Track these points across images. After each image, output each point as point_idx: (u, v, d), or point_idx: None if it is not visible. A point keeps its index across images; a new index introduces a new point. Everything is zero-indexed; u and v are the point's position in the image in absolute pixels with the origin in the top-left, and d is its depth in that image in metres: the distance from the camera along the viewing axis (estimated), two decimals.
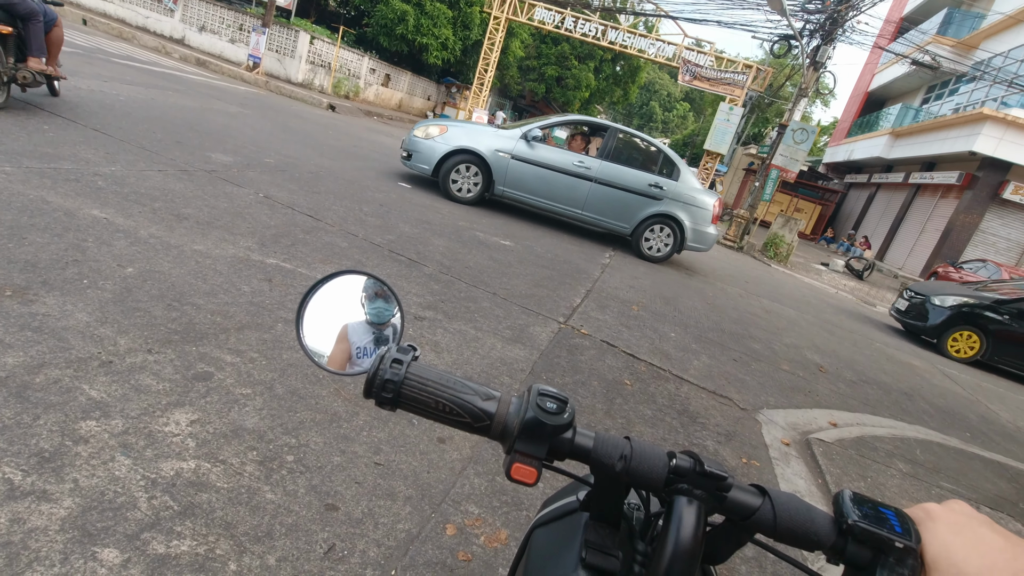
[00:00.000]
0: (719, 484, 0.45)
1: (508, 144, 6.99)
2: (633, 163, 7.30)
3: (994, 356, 8.00)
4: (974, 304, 8.06)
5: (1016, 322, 7.80)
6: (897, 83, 25.22)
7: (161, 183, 4.00)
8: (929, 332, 8.32)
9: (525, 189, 7.11)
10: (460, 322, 3.33)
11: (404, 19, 21.34)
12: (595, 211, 7.26)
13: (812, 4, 13.64)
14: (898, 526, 0.41)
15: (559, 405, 0.47)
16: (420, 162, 6.98)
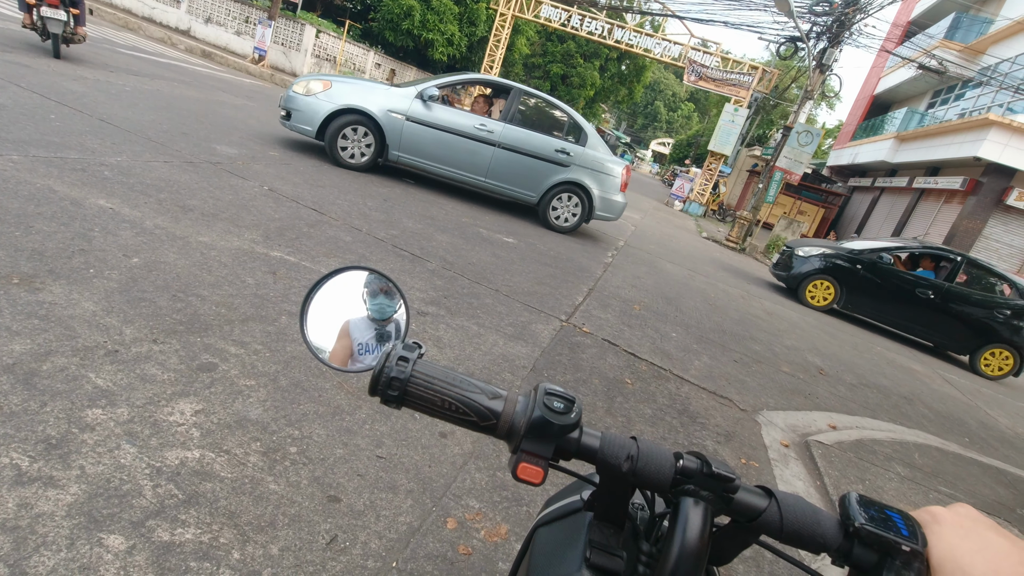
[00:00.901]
0: (726, 486, 0.45)
1: (402, 104, 6.36)
2: (539, 127, 6.94)
3: (847, 304, 8.65)
4: (831, 255, 8.68)
5: (868, 272, 8.43)
6: (903, 87, 25.14)
7: (167, 174, 4.01)
8: (790, 281, 8.90)
9: (422, 154, 6.56)
10: (463, 318, 3.34)
11: (410, 14, 21.31)
12: (499, 178, 6.81)
13: (819, 6, 13.61)
14: (904, 529, 0.41)
15: (566, 404, 0.47)
16: (301, 122, 6.18)
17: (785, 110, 36.03)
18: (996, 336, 8.15)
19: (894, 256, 8.62)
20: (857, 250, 8.70)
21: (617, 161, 7.20)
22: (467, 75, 6.91)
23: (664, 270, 7.35)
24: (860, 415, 4.28)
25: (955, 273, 8.33)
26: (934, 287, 8.25)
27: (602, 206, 7.17)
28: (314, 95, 6.17)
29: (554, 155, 6.83)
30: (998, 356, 8.23)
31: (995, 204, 17.36)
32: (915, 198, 21.58)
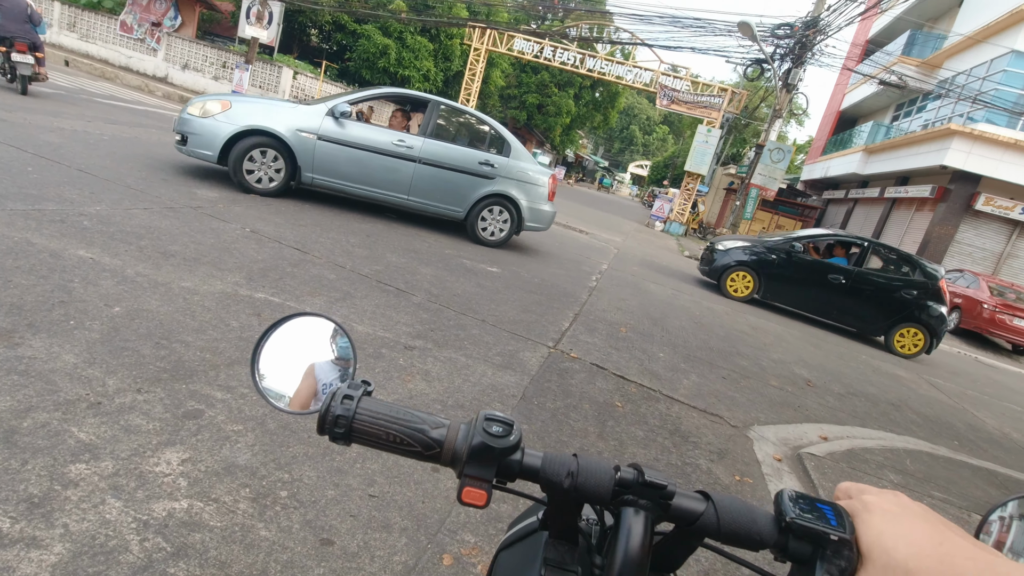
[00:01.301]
0: (662, 493, 0.47)
1: (312, 122, 6.01)
2: (460, 140, 6.81)
3: (766, 294, 8.95)
4: (747, 248, 9.05)
5: (783, 262, 8.77)
6: (867, 102, 26.01)
7: (147, 221, 4.01)
8: (712, 275, 9.21)
9: (339, 175, 6.23)
10: (450, 350, 3.34)
11: (386, 52, 21.73)
12: (423, 195, 6.57)
13: (781, 30, 14.13)
14: (833, 519, 0.43)
15: (505, 428, 0.49)
16: (199, 147, 5.69)
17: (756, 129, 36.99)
18: (906, 316, 8.43)
19: (808, 245, 9.02)
20: (772, 241, 9.09)
21: (543, 171, 7.14)
22: (380, 89, 6.72)
23: (648, 291, 7.42)
24: (850, 424, 4.31)
25: (864, 258, 8.71)
26: (845, 272, 8.57)
27: (531, 217, 7.05)
28: (212, 116, 5.71)
29: (478, 168, 6.67)
30: (909, 335, 8.52)
31: (964, 210, 17.85)
32: (888, 207, 22.12)
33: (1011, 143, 16.41)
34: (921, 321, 8.40)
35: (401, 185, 6.48)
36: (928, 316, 8.37)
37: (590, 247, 10.18)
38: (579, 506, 0.51)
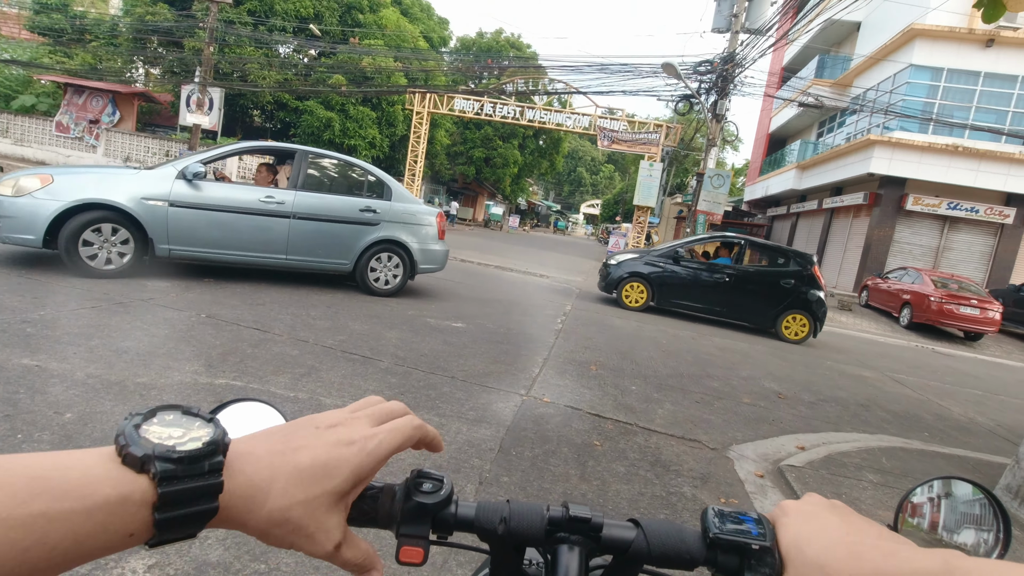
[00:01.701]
0: (589, 525, 0.48)
1: (160, 188, 5.36)
2: (336, 189, 6.52)
3: (660, 300, 9.34)
4: (637, 259, 9.50)
5: (671, 269, 9.27)
6: (792, 123, 27.71)
7: (96, 319, 3.89)
8: (608, 289, 9.54)
9: (202, 242, 5.61)
10: (422, 412, 3.30)
11: (330, 125, 22.12)
12: (303, 252, 6.15)
13: (702, 67, 15.07)
14: (755, 529, 0.45)
15: (435, 484, 0.49)
16: (16, 231, 4.86)
17: (696, 158, 38.78)
18: (789, 304, 8.95)
19: (691, 249, 9.67)
20: (660, 250, 9.61)
21: (429, 210, 6.96)
22: (238, 144, 6.24)
23: (614, 325, 7.52)
24: (824, 431, 4.40)
25: (742, 255, 9.29)
26: (728, 271, 9.10)
27: (424, 258, 6.80)
28: (29, 194, 4.92)
29: (360, 215, 6.36)
30: (795, 322, 9.02)
31: (897, 211, 18.93)
32: (828, 218, 23.26)
33: (926, 146, 17.67)
34: (803, 307, 8.93)
35: (276, 244, 6.02)
36: (808, 301, 8.92)
37: (552, 290, 10.32)
38: (520, 551, 0.52)
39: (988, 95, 17.85)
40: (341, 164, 6.66)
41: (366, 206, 6.42)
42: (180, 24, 20.52)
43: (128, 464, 0.33)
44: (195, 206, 5.54)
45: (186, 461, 0.34)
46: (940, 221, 18.98)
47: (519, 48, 34.58)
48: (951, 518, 0.64)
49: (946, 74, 17.87)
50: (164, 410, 0.38)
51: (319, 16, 22.67)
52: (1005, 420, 5.98)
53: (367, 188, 6.61)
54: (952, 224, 18.93)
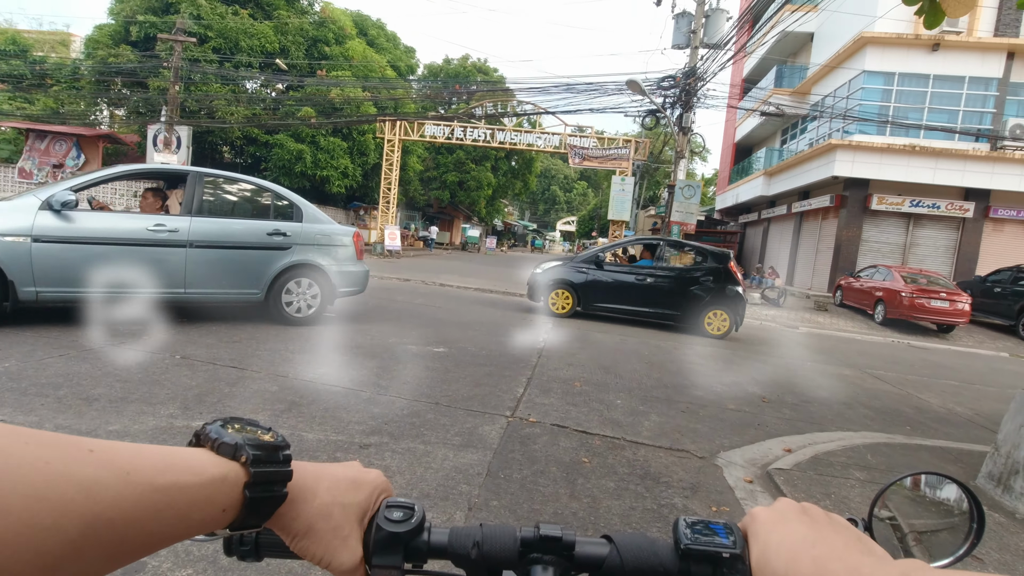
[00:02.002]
0: (561, 544, 0.48)
1: (20, 221, 4.65)
2: (239, 212, 6.06)
3: (586, 305, 9.47)
4: (561, 266, 9.67)
5: (594, 274, 9.39)
6: (757, 132, 28.47)
7: (64, 368, 3.78)
8: (534, 298, 9.73)
9: (77, 281, 4.90)
10: (407, 440, 3.25)
11: (301, 157, 22.06)
12: (206, 284, 5.58)
13: (665, 82, 15.45)
14: (725, 538, 0.46)
15: (405, 512, 0.49)
16: None
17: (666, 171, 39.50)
18: (709, 300, 9.15)
19: (614, 253, 9.84)
20: (582, 256, 9.83)
21: (345, 230, 6.65)
22: (115, 169, 5.58)
23: (596, 341, 7.54)
24: (809, 432, 4.43)
25: (662, 256, 9.51)
26: (650, 272, 9.31)
27: (343, 281, 6.45)
28: None
29: (269, 240, 5.91)
30: (717, 317, 9.20)
31: (863, 211, 19.46)
32: (798, 221, 23.80)
33: (885, 147, 18.27)
34: (722, 303, 9.13)
35: (173, 278, 5.39)
36: (726, 296, 9.14)
37: (533, 309, 10.32)
38: (496, 575, 0.51)
39: (939, 96, 18.58)
40: (243, 186, 6.20)
41: (274, 229, 5.97)
42: (144, 65, 20.41)
43: (222, 452, 0.41)
44: (67, 240, 4.86)
45: (268, 449, 0.43)
46: (905, 219, 19.55)
47: (486, 72, 35.10)
48: (925, 512, 0.65)
49: (898, 78, 18.59)
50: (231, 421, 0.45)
51: (285, 50, 22.77)
52: (983, 409, 6.11)
53: (275, 210, 6.19)
54: (916, 221, 19.51)
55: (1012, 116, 17.97)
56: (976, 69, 18.16)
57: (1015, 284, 14.29)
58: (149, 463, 0.35)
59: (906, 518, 0.65)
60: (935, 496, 0.65)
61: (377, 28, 29.13)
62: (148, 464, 0.35)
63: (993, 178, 18.06)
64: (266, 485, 0.42)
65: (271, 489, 0.42)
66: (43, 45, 29.39)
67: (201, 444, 0.43)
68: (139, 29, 20.84)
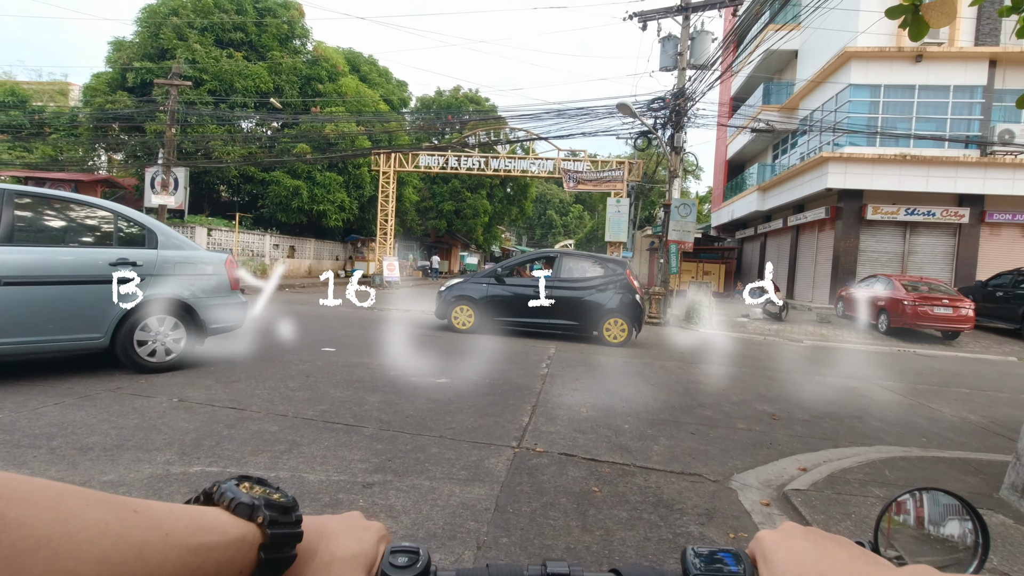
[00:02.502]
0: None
1: None
2: (70, 239, 4.88)
3: (487, 320, 9.61)
4: (462, 283, 9.94)
5: (494, 289, 9.65)
6: (748, 148, 28.76)
7: (59, 416, 3.69)
8: (440, 315, 9.95)
9: None
10: (412, 476, 3.15)
11: (298, 193, 22.22)
12: (20, 331, 4.39)
13: (655, 103, 15.65)
14: (733, 565, 0.47)
15: (411, 557, 0.49)
16: None
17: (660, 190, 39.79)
18: (608, 309, 9.34)
19: (514, 268, 10.07)
20: (482, 272, 10.07)
21: (214, 257, 5.75)
22: None
23: (599, 364, 7.45)
24: (823, 448, 4.33)
25: (560, 268, 9.68)
26: (547, 284, 9.30)
27: (213, 316, 5.56)
28: None
29: (110, 271, 4.83)
30: (616, 325, 9.37)
31: (859, 222, 19.53)
32: (795, 234, 23.86)
33: (876, 158, 18.43)
34: (620, 311, 9.32)
35: None
36: (623, 304, 9.35)
37: (534, 335, 10.25)
38: None
39: (925, 105, 18.82)
40: (75, 206, 4.97)
41: (120, 258, 4.90)
42: (141, 110, 20.70)
43: (238, 513, 0.41)
44: None
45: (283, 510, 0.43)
46: (901, 227, 19.60)
47: (478, 102, 35.63)
48: (930, 529, 0.65)
49: (884, 90, 18.85)
50: (243, 479, 0.45)
51: (279, 89, 23.13)
52: (997, 416, 5.99)
53: (121, 236, 5.10)
54: (913, 229, 19.56)
55: (999, 121, 18.16)
56: (960, 78, 18.43)
57: (1017, 288, 14.23)
58: (183, 524, 0.36)
59: (911, 537, 0.64)
60: (938, 513, 0.65)
61: (369, 64, 29.66)
62: (182, 525, 0.36)
63: (986, 183, 18.17)
64: (280, 546, 0.42)
65: (284, 550, 0.42)
66: (42, 95, 29.89)
67: (213, 502, 0.42)
68: (136, 76, 21.21)
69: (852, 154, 18.62)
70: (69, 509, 0.30)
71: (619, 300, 9.34)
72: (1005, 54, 17.98)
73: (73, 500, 0.31)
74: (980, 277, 17.46)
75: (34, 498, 0.30)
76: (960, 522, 0.63)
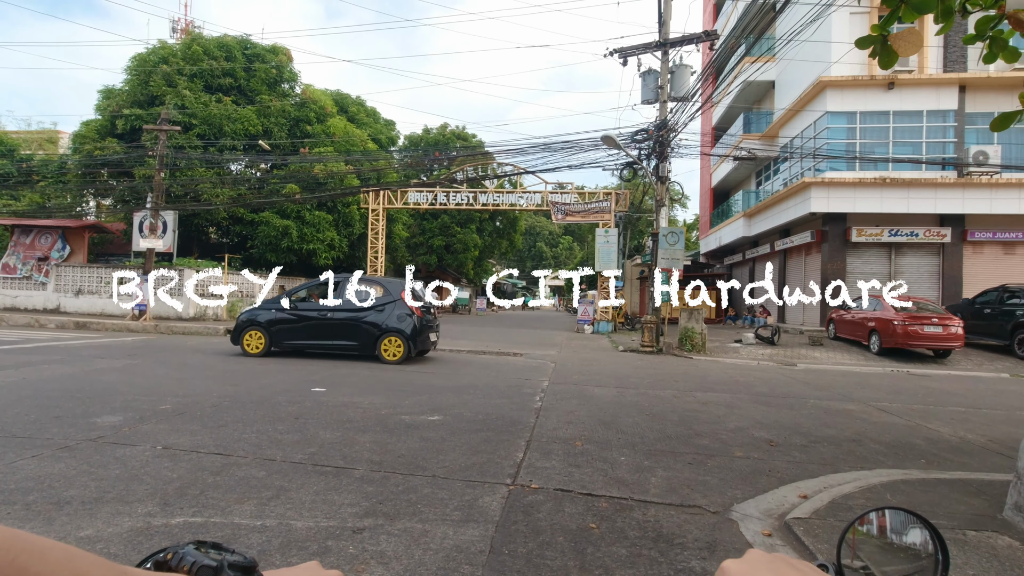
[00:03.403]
0: None
1: None
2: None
3: (277, 344, 10.24)
4: (255, 310, 10.50)
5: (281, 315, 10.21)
6: (731, 176, 29.27)
7: (36, 470, 3.57)
8: (234, 340, 10.38)
9: None
10: (404, 519, 3.05)
11: (287, 233, 22.24)
12: None
13: (639, 135, 15.96)
14: None
15: None
16: None
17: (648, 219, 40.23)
18: (385, 329, 9.91)
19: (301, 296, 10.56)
20: (271, 300, 10.67)
21: None
22: None
23: (594, 396, 7.37)
24: (823, 474, 4.26)
25: (343, 291, 10.16)
26: (329, 308, 10.08)
27: None
28: None
29: None
30: (392, 344, 9.92)
31: (845, 245, 19.78)
32: (782, 259, 24.11)
33: (857, 182, 18.82)
34: (396, 331, 9.87)
35: None
36: (399, 324, 9.92)
37: (527, 368, 10.17)
38: None
39: (901, 130, 19.32)
40: None
41: None
42: (130, 155, 20.81)
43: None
44: None
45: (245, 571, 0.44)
46: (886, 248, 19.87)
47: (465, 138, 36.18)
48: (891, 548, 0.66)
49: (860, 116, 19.36)
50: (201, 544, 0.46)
51: (268, 132, 23.38)
52: (995, 434, 5.96)
53: None
54: (897, 249, 19.83)
55: (973, 143, 18.65)
56: (932, 103, 18.99)
57: (1003, 304, 14.37)
58: None
59: (874, 558, 0.64)
60: (899, 530, 0.66)
61: (357, 105, 30.14)
62: None
63: (965, 203, 18.55)
64: None
65: None
66: (31, 144, 30.02)
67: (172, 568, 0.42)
68: (125, 122, 21.38)
69: (833, 178, 19.00)
70: (78, 568, 0.32)
71: (395, 320, 9.92)
72: (973, 79, 18.60)
73: (80, 560, 0.33)
74: (966, 295, 17.64)
75: (49, 555, 0.32)
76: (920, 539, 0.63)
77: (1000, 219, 18.76)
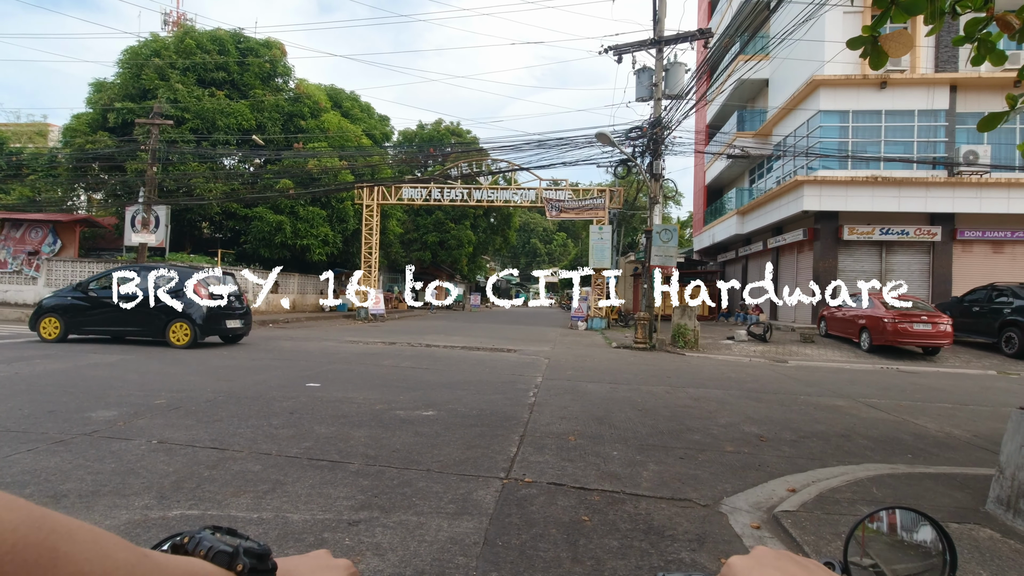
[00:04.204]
0: None
1: None
2: None
3: (73, 330, 10.55)
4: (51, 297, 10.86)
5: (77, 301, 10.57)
6: (725, 173, 29.41)
7: (31, 464, 3.58)
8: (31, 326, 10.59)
9: None
10: (399, 512, 3.09)
11: (281, 228, 22.17)
12: None
13: (633, 132, 16.00)
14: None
15: None
16: None
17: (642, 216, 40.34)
18: (171, 315, 10.39)
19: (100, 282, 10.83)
20: (72, 286, 11.02)
21: None
22: None
23: (587, 392, 7.43)
24: (811, 468, 4.33)
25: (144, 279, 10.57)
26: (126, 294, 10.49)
27: None
28: None
29: None
30: (180, 329, 10.43)
31: (836, 243, 19.94)
32: (775, 256, 24.26)
33: (849, 180, 18.95)
34: (184, 316, 10.40)
35: None
36: (188, 310, 10.42)
37: (521, 364, 10.22)
38: None
39: (892, 129, 19.48)
40: None
41: None
42: (122, 149, 20.66)
43: (217, 561, 0.42)
44: None
45: (260, 557, 0.44)
46: (877, 246, 20.05)
47: (459, 134, 36.14)
48: (899, 547, 0.66)
49: (852, 115, 19.50)
50: (217, 530, 0.47)
51: (261, 127, 23.27)
52: (980, 430, 6.06)
53: None
54: (888, 248, 20.01)
55: (963, 143, 18.83)
56: (924, 102, 19.15)
57: (992, 302, 14.55)
58: (182, 571, 0.38)
59: (880, 555, 0.64)
60: (907, 529, 0.66)
61: (351, 100, 30.03)
62: (182, 572, 0.38)
63: (955, 202, 18.74)
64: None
65: None
66: (20, 137, 29.73)
67: (188, 552, 0.43)
68: (117, 116, 21.22)
69: (826, 177, 19.14)
70: (104, 549, 0.33)
71: (182, 306, 10.34)
72: (964, 79, 18.76)
73: (106, 540, 0.33)
74: (956, 293, 17.84)
75: (77, 535, 0.33)
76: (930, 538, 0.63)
77: (989, 218, 18.97)
